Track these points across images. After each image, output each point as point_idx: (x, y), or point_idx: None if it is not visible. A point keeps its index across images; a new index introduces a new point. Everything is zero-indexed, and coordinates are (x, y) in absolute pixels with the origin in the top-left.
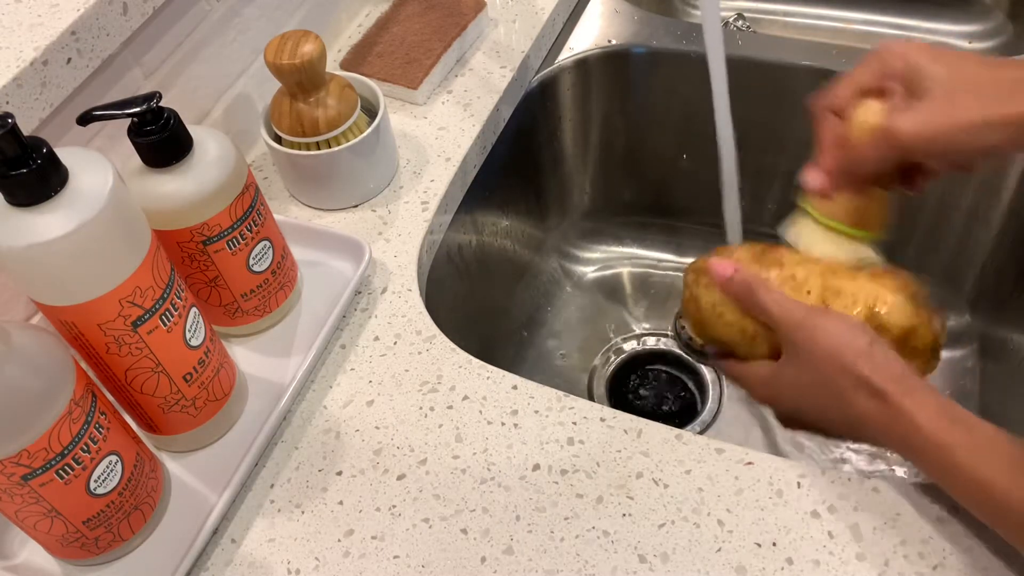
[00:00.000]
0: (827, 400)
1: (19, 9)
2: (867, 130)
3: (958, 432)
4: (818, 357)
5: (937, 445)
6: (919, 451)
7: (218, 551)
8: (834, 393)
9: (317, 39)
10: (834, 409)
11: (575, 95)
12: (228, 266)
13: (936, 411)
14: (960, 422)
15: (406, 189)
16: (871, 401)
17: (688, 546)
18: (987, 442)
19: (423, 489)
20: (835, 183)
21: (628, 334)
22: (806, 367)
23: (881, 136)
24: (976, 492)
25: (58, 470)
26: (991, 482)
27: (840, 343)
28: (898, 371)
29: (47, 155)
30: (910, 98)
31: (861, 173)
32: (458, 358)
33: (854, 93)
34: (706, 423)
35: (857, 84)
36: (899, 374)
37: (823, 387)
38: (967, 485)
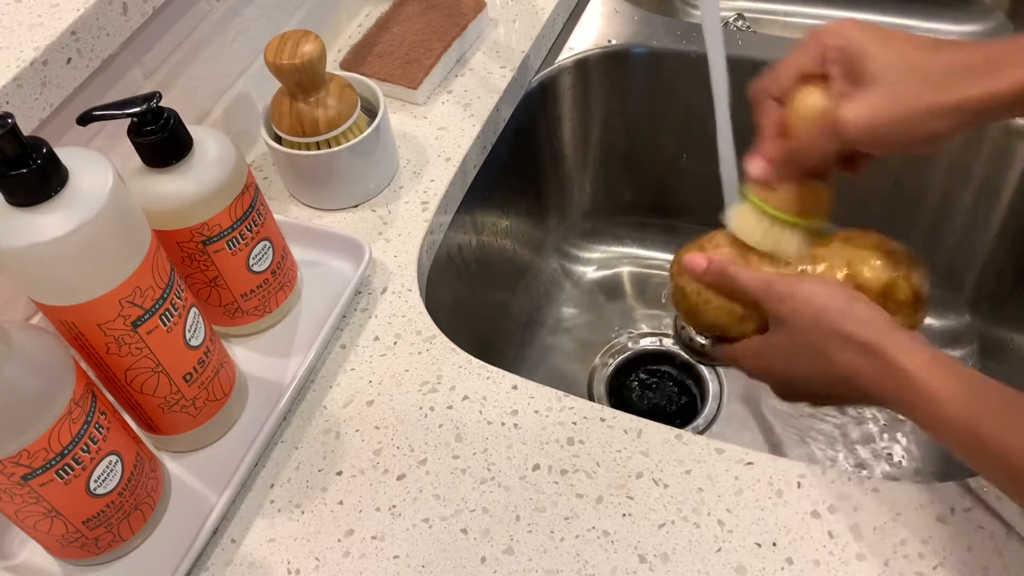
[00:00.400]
0: (817, 364)
1: (19, 9)
2: (809, 118)
3: (948, 380)
4: (802, 323)
5: (928, 394)
6: (910, 402)
7: (218, 551)
8: (822, 355)
9: (317, 39)
10: (824, 371)
11: (575, 95)
12: (228, 266)
13: (926, 360)
14: (951, 370)
15: (406, 189)
16: (859, 357)
17: (688, 546)
18: (979, 390)
19: (423, 489)
20: (778, 172)
21: (628, 334)
22: (792, 334)
23: (825, 126)
24: (968, 439)
25: (58, 470)
26: (981, 429)
27: (821, 305)
28: (882, 324)
29: (47, 155)
30: (852, 84)
31: (804, 163)
32: (458, 358)
33: (794, 78)
34: (706, 423)
35: (797, 69)
36: (884, 327)
37: (811, 351)
38: (959, 432)
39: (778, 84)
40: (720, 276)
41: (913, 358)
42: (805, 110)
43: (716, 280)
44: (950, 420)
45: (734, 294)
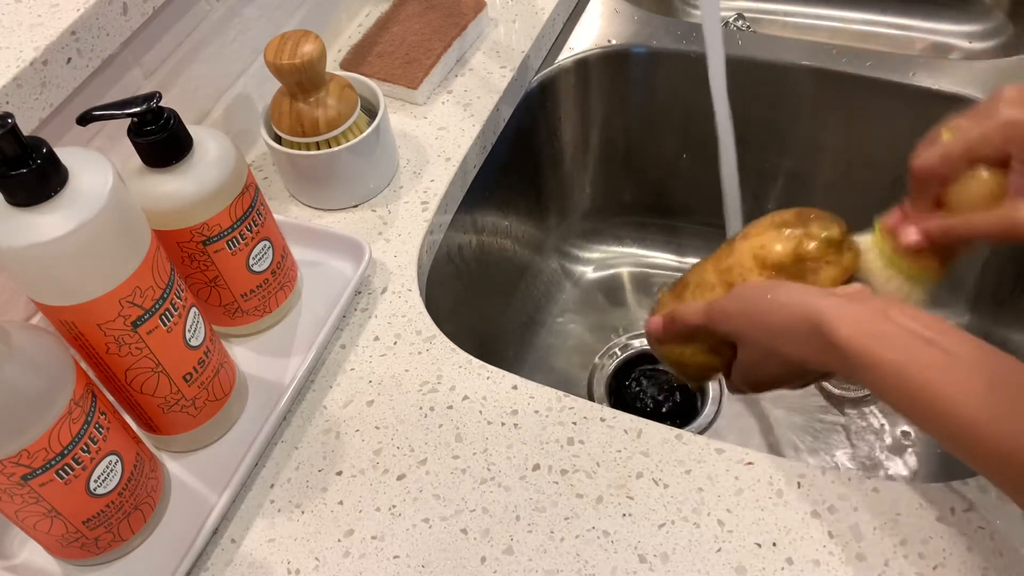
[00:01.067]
0: (776, 362)
1: (19, 9)
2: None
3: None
4: (745, 334)
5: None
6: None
7: (218, 551)
8: (775, 354)
9: (317, 39)
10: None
11: (575, 95)
12: (228, 266)
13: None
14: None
15: (406, 189)
16: (799, 344)
17: (688, 546)
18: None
19: (423, 489)
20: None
21: (628, 334)
22: (747, 346)
23: (1004, 222)
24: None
25: (58, 470)
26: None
27: (746, 309)
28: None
29: (47, 155)
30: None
31: (964, 244)
32: (458, 358)
33: (966, 162)
34: (706, 423)
35: (970, 153)
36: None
37: (766, 354)
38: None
39: (950, 166)
40: (672, 326)
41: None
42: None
43: (671, 331)
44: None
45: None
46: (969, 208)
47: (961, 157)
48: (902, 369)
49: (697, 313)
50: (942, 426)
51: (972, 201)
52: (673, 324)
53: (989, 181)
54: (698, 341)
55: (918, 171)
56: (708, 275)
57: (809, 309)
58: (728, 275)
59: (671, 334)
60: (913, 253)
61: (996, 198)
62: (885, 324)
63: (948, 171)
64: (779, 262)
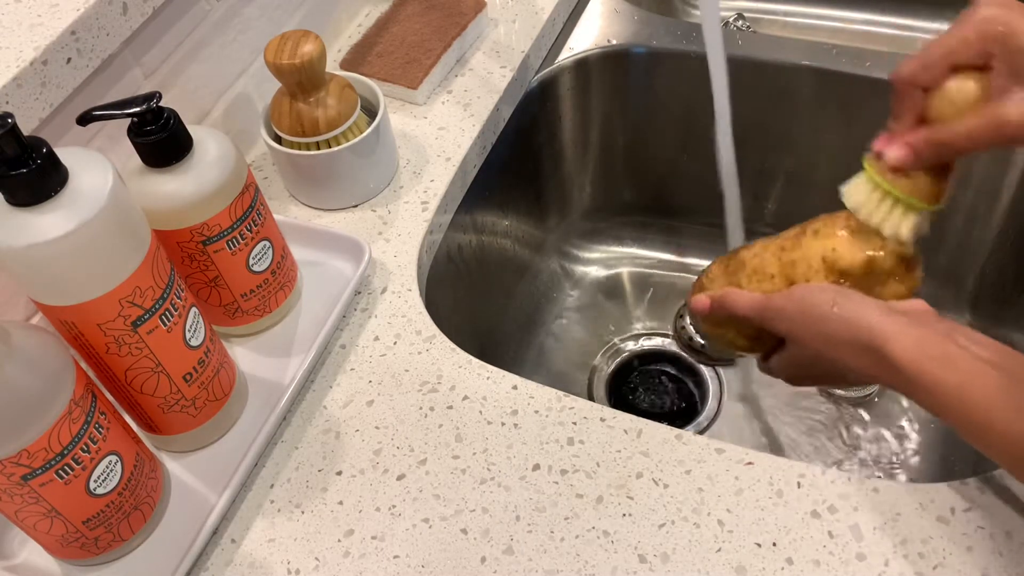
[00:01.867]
0: (829, 367)
1: (19, 9)
2: (964, 110)
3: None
4: (800, 336)
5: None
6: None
7: (218, 551)
8: (828, 360)
9: (317, 39)
10: (839, 372)
11: (575, 95)
12: (228, 266)
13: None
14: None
15: (406, 189)
16: (857, 357)
17: (688, 546)
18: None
19: (423, 489)
20: (919, 160)
21: (628, 334)
22: (799, 348)
23: (989, 123)
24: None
25: (58, 470)
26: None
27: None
28: (868, 318)
29: (47, 155)
30: (1016, 82)
31: (952, 156)
32: (458, 358)
33: (947, 68)
34: (706, 423)
35: (952, 58)
36: (869, 321)
37: (818, 359)
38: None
39: (930, 73)
40: (722, 311)
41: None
42: (964, 102)
43: (721, 316)
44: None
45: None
46: (954, 116)
47: (941, 64)
48: (963, 392)
49: (752, 307)
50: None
51: (956, 108)
52: (722, 309)
53: (972, 85)
54: (743, 326)
55: (897, 82)
56: (769, 263)
57: (874, 329)
58: (791, 269)
59: (716, 317)
60: (904, 174)
61: (981, 103)
62: (949, 346)
63: (929, 80)
64: (849, 270)
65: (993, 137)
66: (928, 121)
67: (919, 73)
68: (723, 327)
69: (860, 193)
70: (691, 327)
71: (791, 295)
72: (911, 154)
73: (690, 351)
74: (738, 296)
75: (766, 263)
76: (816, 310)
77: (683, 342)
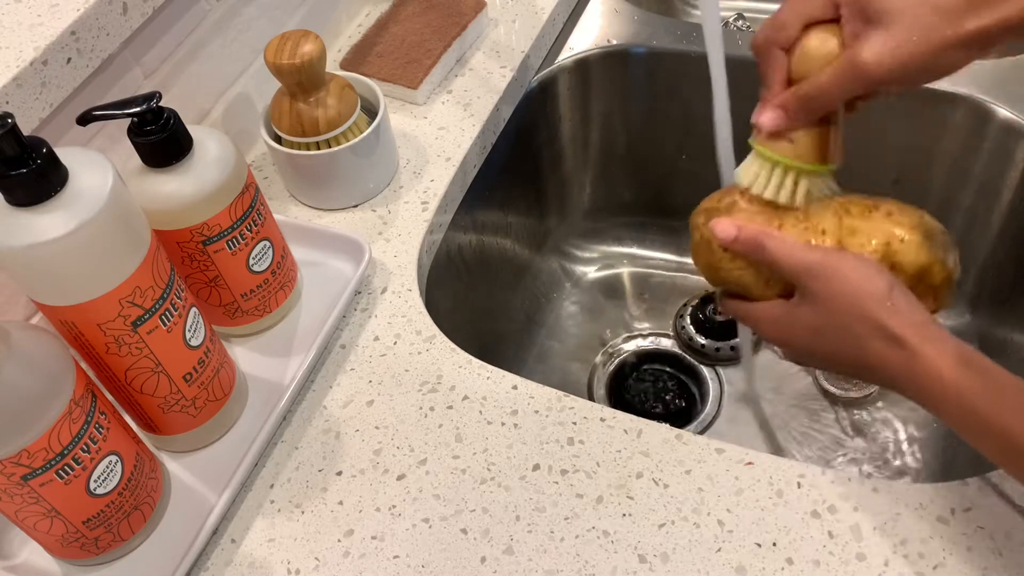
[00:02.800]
0: (843, 344)
1: (19, 9)
2: (825, 62)
3: (977, 379)
4: (835, 303)
5: (956, 393)
6: (938, 399)
7: (218, 551)
8: (851, 338)
9: (317, 39)
10: (850, 354)
11: (575, 95)
12: (228, 266)
13: (955, 358)
14: (979, 369)
15: (406, 189)
16: (889, 348)
17: (688, 546)
18: (1006, 389)
19: (423, 489)
20: (792, 120)
21: (628, 334)
22: (822, 311)
23: (846, 70)
24: (996, 439)
25: (58, 470)
26: (1010, 428)
27: (858, 288)
28: (918, 318)
29: (47, 155)
30: (864, 24)
31: (823, 108)
32: (458, 358)
33: (800, 25)
34: (706, 423)
35: (802, 15)
36: (919, 321)
37: (840, 331)
38: (986, 432)
39: (785, 32)
40: (752, 246)
41: (942, 355)
42: (820, 53)
43: (747, 249)
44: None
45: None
46: (817, 71)
47: (794, 23)
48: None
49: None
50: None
51: (816, 62)
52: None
53: (824, 36)
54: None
55: (756, 48)
56: (826, 219)
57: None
58: (849, 236)
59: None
60: (785, 139)
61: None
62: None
63: (785, 40)
64: (904, 267)
65: (853, 81)
66: (794, 82)
67: (774, 35)
68: (738, 260)
69: (750, 170)
70: (690, 327)
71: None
72: (782, 115)
73: (690, 351)
74: (781, 243)
75: (823, 217)
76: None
77: (683, 342)
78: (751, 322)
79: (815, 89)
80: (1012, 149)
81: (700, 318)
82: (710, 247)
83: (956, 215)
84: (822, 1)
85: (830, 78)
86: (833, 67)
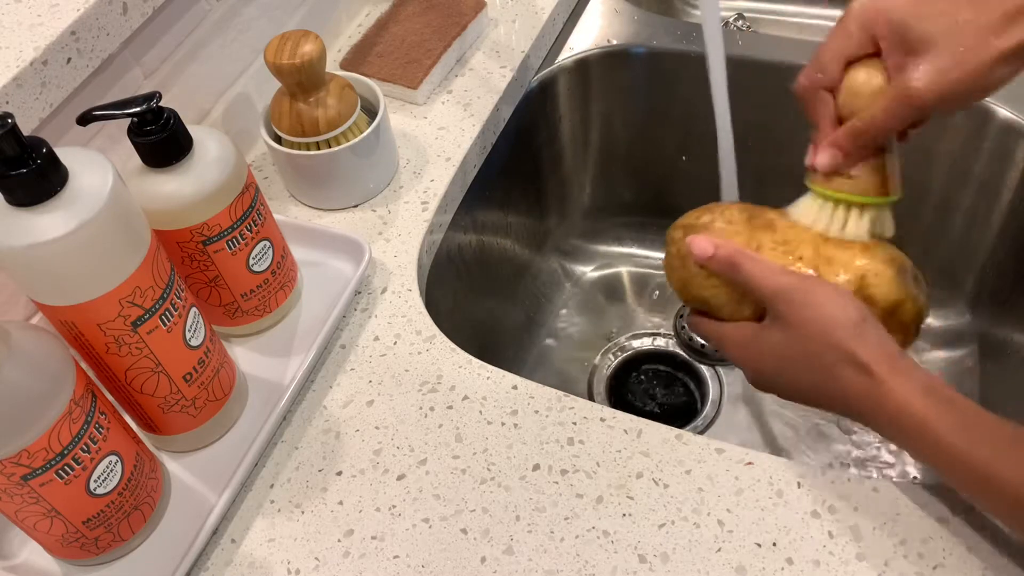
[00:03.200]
0: (811, 373)
1: (19, 9)
2: (874, 96)
3: (944, 410)
4: (806, 329)
5: (923, 423)
6: (905, 429)
7: (218, 551)
8: (820, 367)
9: (317, 39)
10: (817, 382)
11: (575, 95)
12: (228, 266)
13: (923, 389)
14: (947, 400)
15: (406, 189)
16: (858, 376)
17: (688, 546)
18: (973, 420)
19: (423, 489)
20: (849, 157)
21: (628, 334)
22: (792, 337)
23: (897, 99)
24: (963, 469)
25: (58, 470)
26: (975, 458)
27: (830, 316)
28: (888, 350)
29: (47, 155)
30: (908, 55)
31: (876, 141)
32: (458, 358)
33: (841, 64)
34: (706, 423)
35: (842, 54)
36: (888, 353)
37: (809, 359)
38: (953, 463)
39: (828, 73)
40: (727, 265)
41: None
42: (869, 89)
43: (722, 268)
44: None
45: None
46: (865, 106)
47: (834, 62)
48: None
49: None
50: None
51: (863, 97)
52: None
53: (869, 71)
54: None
55: (800, 91)
56: (804, 245)
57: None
58: (823, 266)
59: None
60: (843, 177)
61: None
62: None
63: (829, 81)
64: (876, 302)
65: (905, 109)
66: (843, 120)
67: (817, 77)
68: (712, 278)
69: (811, 210)
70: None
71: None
72: (838, 153)
73: (690, 351)
74: (757, 264)
75: (801, 243)
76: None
77: (683, 342)
78: (717, 342)
79: (868, 123)
80: (1012, 149)
81: None
82: (685, 263)
83: (956, 215)
84: (859, 38)
85: (883, 110)
86: (884, 99)
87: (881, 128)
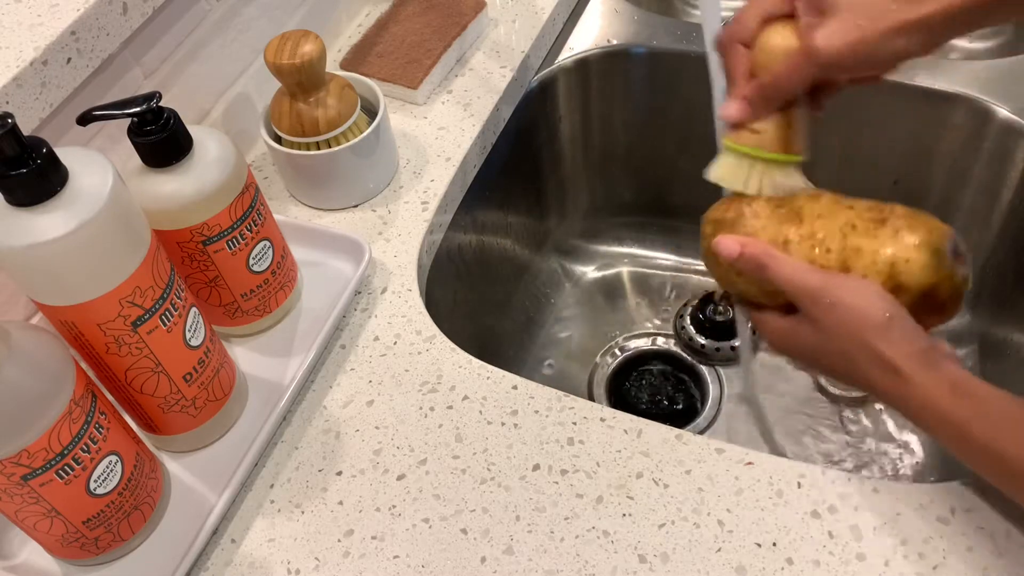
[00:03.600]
0: (842, 367)
1: (19, 9)
2: (782, 52)
3: (971, 407)
4: (835, 330)
5: (951, 421)
6: (934, 426)
7: (218, 551)
8: (850, 363)
9: (317, 39)
10: (852, 377)
11: (575, 95)
12: (228, 266)
13: (950, 387)
14: (974, 396)
15: (406, 189)
16: (886, 376)
17: (688, 546)
18: (1000, 415)
19: (423, 489)
20: (755, 110)
21: (628, 334)
22: (824, 338)
23: (800, 55)
24: (992, 463)
25: (58, 470)
26: (1005, 454)
27: (857, 317)
28: (915, 347)
29: (47, 155)
30: (820, 16)
31: (781, 95)
32: (458, 358)
33: (760, 21)
34: (706, 423)
35: (761, 12)
36: (916, 350)
37: (839, 356)
38: (982, 457)
39: (745, 28)
40: (754, 266)
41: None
42: (777, 44)
43: (749, 269)
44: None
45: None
46: (775, 62)
47: (754, 19)
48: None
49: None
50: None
51: (775, 55)
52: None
53: (782, 31)
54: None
55: (720, 44)
56: (832, 236)
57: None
58: (852, 257)
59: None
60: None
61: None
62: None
63: (747, 36)
64: (908, 289)
65: (806, 66)
66: (756, 76)
67: (735, 32)
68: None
69: (721, 167)
70: (690, 327)
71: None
72: (745, 106)
73: (690, 351)
74: (784, 265)
75: (829, 234)
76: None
77: (683, 342)
78: (757, 328)
79: (774, 78)
80: (1012, 149)
81: (700, 318)
82: (716, 260)
83: (956, 215)
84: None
85: (787, 67)
86: (791, 56)
87: (784, 83)
